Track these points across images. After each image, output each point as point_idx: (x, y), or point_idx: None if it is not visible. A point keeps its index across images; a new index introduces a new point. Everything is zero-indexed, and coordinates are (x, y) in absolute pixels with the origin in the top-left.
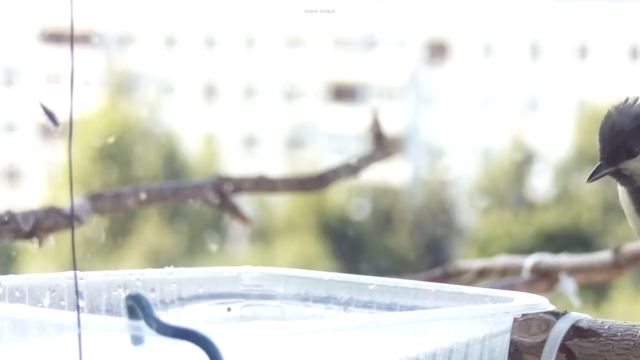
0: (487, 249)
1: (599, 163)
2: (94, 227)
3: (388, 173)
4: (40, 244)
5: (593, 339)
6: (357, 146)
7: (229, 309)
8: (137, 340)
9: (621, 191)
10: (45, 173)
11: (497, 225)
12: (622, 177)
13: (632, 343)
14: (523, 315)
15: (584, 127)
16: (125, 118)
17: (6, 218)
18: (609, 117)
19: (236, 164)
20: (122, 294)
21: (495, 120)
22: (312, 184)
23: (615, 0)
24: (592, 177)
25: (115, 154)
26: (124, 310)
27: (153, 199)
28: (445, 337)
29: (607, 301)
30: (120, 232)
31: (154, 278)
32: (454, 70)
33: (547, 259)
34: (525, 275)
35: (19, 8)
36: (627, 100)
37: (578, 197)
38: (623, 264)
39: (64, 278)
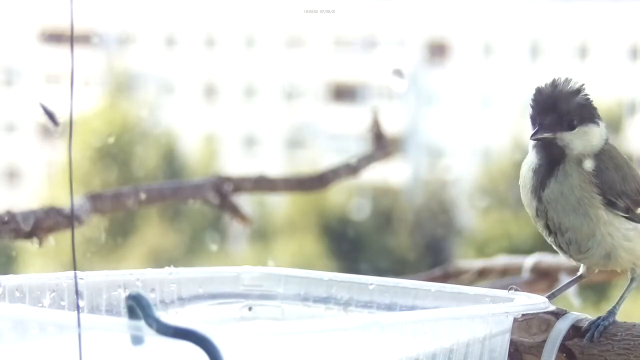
0: (487, 249)
1: (536, 128)
2: (94, 227)
3: (388, 173)
4: (40, 244)
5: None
6: (357, 146)
7: (250, 309)
8: (137, 340)
9: (527, 167)
10: (45, 173)
11: (496, 225)
12: (554, 147)
13: (632, 343)
14: (523, 315)
15: None
16: (125, 118)
17: (6, 218)
18: (546, 89)
19: (236, 164)
20: (122, 294)
21: (495, 120)
22: (312, 184)
23: (615, 0)
24: (536, 136)
25: (115, 154)
26: (124, 310)
27: (153, 199)
28: (445, 337)
29: (607, 301)
30: (120, 232)
31: (154, 278)
32: (454, 70)
33: (547, 259)
34: (525, 275)
35: (19, 8)
36: (558, 78)
37: None
38: None
39: (64, 278)
